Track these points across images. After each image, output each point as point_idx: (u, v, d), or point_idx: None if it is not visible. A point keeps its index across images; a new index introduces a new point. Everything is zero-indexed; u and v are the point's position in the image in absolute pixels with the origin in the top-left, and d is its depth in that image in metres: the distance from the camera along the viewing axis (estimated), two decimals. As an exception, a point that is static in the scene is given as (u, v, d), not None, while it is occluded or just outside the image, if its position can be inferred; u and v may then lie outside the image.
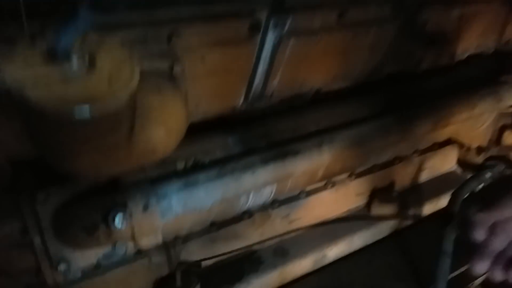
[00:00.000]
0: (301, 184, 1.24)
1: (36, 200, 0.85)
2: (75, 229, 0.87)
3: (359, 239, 1.87)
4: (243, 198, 1.18)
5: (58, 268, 0.88)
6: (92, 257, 0.95)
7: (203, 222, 1.17)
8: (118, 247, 0.96)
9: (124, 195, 0.93)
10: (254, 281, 1.62)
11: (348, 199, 1.93)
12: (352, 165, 1.32)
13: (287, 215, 1.75)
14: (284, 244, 1.78)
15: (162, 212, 1.01)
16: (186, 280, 1.51)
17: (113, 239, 0.90)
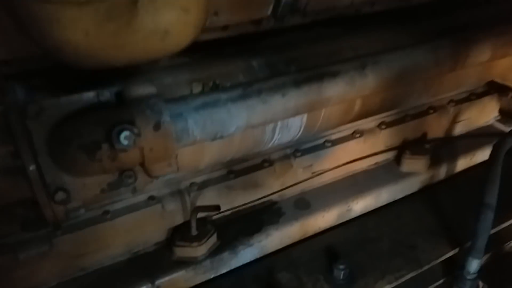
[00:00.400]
0: (333, 120, 1.09)
1: (27, 115, 0.73)
2: (73, 150, 0.72)
3: (387, 193, 1.74)
4: (268, 131, 1.01)
5: (56, 197, 0.77)
6: (95, 187, 0.83)
7: (223, 156, 1.02)
8: (125, 177, 0.84)
9: (131, 110, 0.77)
10: (274, 232, 1.52)
11: (376, 150, 1.78)
12: (393, 101, 1.15)
13: (310, 165, 1.62)
14: (306, 196, 1.66)
15: (177, 134, 0.83)
16: (202, 229, 1.42)
17: (119, 164, 0.77)
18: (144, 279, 1.32)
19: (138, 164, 0.79)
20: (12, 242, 1.18)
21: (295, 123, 1.04)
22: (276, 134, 1.04)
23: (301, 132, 1.08)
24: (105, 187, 0.82)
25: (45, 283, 1.27)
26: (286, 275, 1.44)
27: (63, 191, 0.76)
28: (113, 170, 0.78)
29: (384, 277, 1.44)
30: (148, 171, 0.80)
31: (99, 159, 0.74)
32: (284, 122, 1.02)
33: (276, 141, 1.06)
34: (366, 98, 1.09)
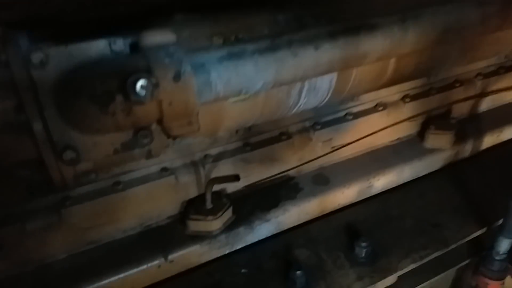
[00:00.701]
0: (364, 84, 0.99)
1: (31, 64, 0.65)
2: (84, 102, 0.64)
3: (410, 170, 1.65)
4: (294, 93, 0.92)
5: (64, 156, 0.69)
6: (107, 146, 0.75)
7: (244, 120, 0.93)
8: (141, 136, 0.76)
9: (148, 58, 0.67)
10: (291, 208, 1.44)
11: (399, 125, 1.69)
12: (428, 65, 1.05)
13: (329, 139, 1.54)
14: (325, 171, 1.58)
15: (199, 87, 0.73)
16: (217, 202, 1.35)
17: (134, 120, 0.69)
18: (156, 253, 1.26)
19: (155, 121, 0.71)
20: (19, 212, 1.13)
21: (323, 85, 0.95)
22: (302, 98, 0.95)
23: (329, 96, 0.99)
24: (118, 147, 0.74)
25: (53, 256, 1.22)
26: (304, 252, 1.37)
27: (72, 149, 0.68)
28: (127, 126, 0.70)
29: (408, 256, 1.37)
30: (167, 129, 0.72)
31: (112, 113, 0.66)
32: (311, 84, 0.93)
33: (301, 105, 0.97)
34: (400, 60, 0.99)
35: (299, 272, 1.23)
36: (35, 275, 1.18)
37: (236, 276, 1.29)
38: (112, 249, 1.28)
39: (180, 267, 1.30)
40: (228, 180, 1.23)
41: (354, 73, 0.96)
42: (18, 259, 1.16)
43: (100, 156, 0.72)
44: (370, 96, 1.58)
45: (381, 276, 1.31)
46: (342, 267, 1.33)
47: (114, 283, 1.20)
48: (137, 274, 1.23)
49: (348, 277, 1.30)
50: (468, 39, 1.06)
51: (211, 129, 0.88)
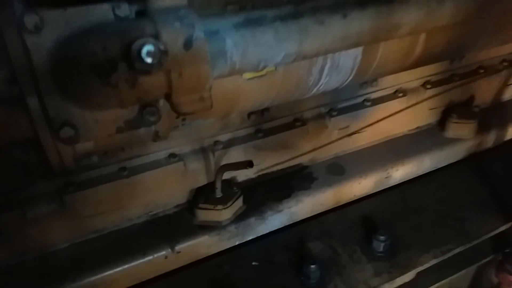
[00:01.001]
0: (390, 63, 0.91)
1: (24, 28, 0.58)
2: (83, 72, 0.57)
3: (430, 160, 1.56)
4: (315, 71, 0.83)
5: (61, 133, 0.62)
6: (109, 124, 0.68)
7: (260, 100, 0.84)
8: (147, 113, 0.68)
9: (156, 21, 0.59)
10: (305, 199, 1.37)
11: (419, 113, 1.60)
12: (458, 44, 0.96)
13: (346, 126, 1.46)
14: (340, 160, 1.50)
15: (213, 57, 0.65)
16: (227, 191, 1.28)
17: (140, 93, 0.61)
18: (163, 244, 1.20)
19: (163, 95, 0.64)
20: (19, 198, 1.07)
21: (347, 63, 0.86)
22: (323, 76, 0.86)
23: (352, 76, 0.91)
24: (122, 125, 0.66)
25: (55, 244, 1.16)
26: (318, 245, 1.30)
27: (71, 126, 0.61)
28: (132, 101, 0.62)
29: (429, 251, 1.30)
30: (176, 105, 0.64)
31: (115, 84, 0.58)
32: (334, 61, 0.85)
33: (322, 85, 0.89)
34: (430, 37, 0.90)
35: (314, 266, 1.16)
36: (36, 264, 1.13)
37: (247, 269, 1.23)
38: (117, 238, 1.21)
39: (188, 259, 1.23)
40: (240, 166, 1.15)
41: (380, 51, 0.88)
42: (18, 247, 1.11)
43: (102, 135, 0.65)
44: (389, 82, 1.49)
45: (400, 272, 1.24)
46: (358, 262, 1.26)
47: (118, 274, 1.14)
48: (142, 265, 1.17)
49: (365, 272, 1.23)
50: (505, 15, 0.96)
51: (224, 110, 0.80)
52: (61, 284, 1.08)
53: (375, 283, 1.21)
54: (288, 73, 0.82)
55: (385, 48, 0.89)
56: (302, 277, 1.19)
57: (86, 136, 0.64)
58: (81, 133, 0.63)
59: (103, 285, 1.13)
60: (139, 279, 1.18)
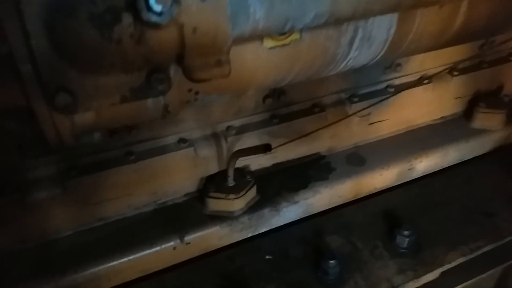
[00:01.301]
0: (425, 38, 0.82)
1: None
2: (80, 24, 0.49)
3: (455, 152, 1.47)
4: (344, 43, 0.74)
5: (56, 100, 0.54)
6: (112, 92, 0.59)
7: (282, 74, 0.75)
8: (155, 80, 0.60)
9: None
10: (322, 190, 1.29)
11: (445, 101, 1.51)
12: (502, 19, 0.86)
13: (367, 114, 1.37)
14: (361, 150, 1.41)
15: (233, 11, 0.56)
16: (240, 180, 1.20)
17: (147, 52, 0.50)
18: (171, 234, 1.13)
19: (174, 56, 0.55)
20: (18, 182, 1.00)
21: (380, 34, 0.77)
22: (353, 49, 0.78)
23: (384, 50, 0.82)
24: (127, 93, 0.58)
25: (57, 232, 1.09)
26: (337, 239, 1.21)
27: (67, 92, 0.53)
28: (138, 62, 0.54)
29: (457, 248, 1.20)
30: (189, 69, 0.56)
31: (118, 39, 0.50)
32: (366, 32, 0.76)
33: (351, 60, 0.81)
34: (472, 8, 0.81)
35: (333, 262, 1.08)
36: (37, 252, 1.06)
37: (260, 263, 1.14)
38: (123, 227, 1.15)
39: (198, 250, 1.16)
40: (256, 151, 1.07)
41: (417, 22, 0.79)
42: (17, 234, 1.04)
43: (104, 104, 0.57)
44: (414, 67, 1.39)
45: (426, 270, 1.15)
46: (380, 258, 1.17)
47: (123, 265, 1.07)
48: (149, 256, 1.09)
49: (388, 270, 1.14)
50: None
51: (241, 84, 0.71)
52: (62, 274, 1.02)
53: (398, 281, 1.12)
54: (314, 43, 0.73)
55: (422, 19, 0.79)
56: (319, 273, 1.10)
57: (85, 105, 0.56)
58: (79, 101, 0.55)
59: (107, 276, 1.06)
60: (146, 271, 1.11)
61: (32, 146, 0.72)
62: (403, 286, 1.12)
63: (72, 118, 0.58)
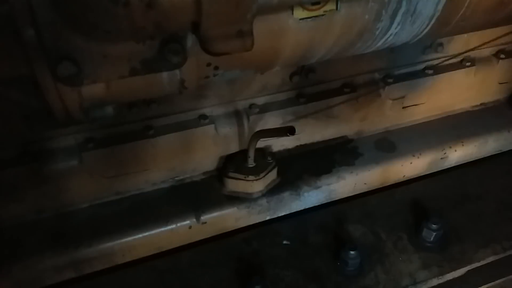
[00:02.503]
0: (480, 12, 0.71)
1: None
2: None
3: (495, 142, 1.36)
4: (386, 17, 0.65)
5: (59, 69, 0.50)
6: (121, 62, 0.53)
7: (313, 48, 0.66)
8: (169, 51, 0.53)
9: None
10: (347, 176, 1.22)
11: (487, 86, 1.39)
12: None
13: (402, 97, 1.28)
14: (392, 135, 1.33)
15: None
16: (261, 161, 1.14)
17: (158, 17, 0.41)
18: (188, 212, 1.10)
19: (189, 24, 0.49)
20: (35, 152, 0.98)
21: (427, 9, 0.68)
22: (394, 24, 0.69)
23: (429, 27, 0.73)
24: (137, 65, 0.52)
25: (73, 204, 1.08)
26: (359, 228, 1.16)
27: (71, 61, 0.48)
28: (149, 28, 0.48)
29: (488, 246, 1.12)
30: (206, 40, 0.50)
31: (125, 1, 0.44)
32: (411, 5, 0.67)
33: (391, 36, 0.72)
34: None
35: (353, 253, 1.02)
36: (52, 223, 1.06)
37: (277, 248, 1.10)
38: (139, 202, 1.12)
39: (214, 230, 1.13)
40: (279, 133, 1.01)
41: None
42: (33, 204, 1.03)
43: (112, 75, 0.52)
44: (457, 47, 1.27)
45: (452, 267, 1.08)
46: (404, 251, 1.10)
47: (138, 241, 1.05)
48: (164, 233, 1.07)
49: (411, 264, 1.08)
50: None
51: (267, 58, 0.64)
52: (76, 247, 1.01)
53: (421, 277, 1.06)
54: (351, 16, 0.65)
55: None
56: (338, 263, 1.06)
57: (92, 76, 0.51)
58: (84, 72, 0.50)
59: (121, 251, 1.04)
60: (160, 249, 1.09)
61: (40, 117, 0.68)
62: (426, 282, 1.06)
63: (79, 90, 0.54)
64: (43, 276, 1.00)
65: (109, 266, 1.06)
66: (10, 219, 1.03)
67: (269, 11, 0.59)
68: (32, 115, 0.61)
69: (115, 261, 1.05)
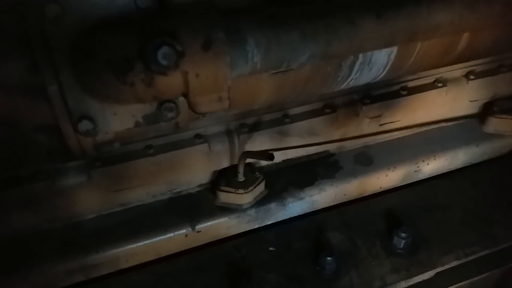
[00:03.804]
0: (428, 59, 0.84)
1: (45, 17, 0.57)
2: (99, 68, 0.58)
3: (464, 155, 1.49)
4: (345, 67, 0.79)
5: (79, 127, 0.63)
6: (127, 119, 0.69)
7: (284, 95, 0.81)
8: (165, 109, 0.68)
9: (174, 19, 0.56)
10: (328, 188, 1.35)
11: (458, 104, 1.51)
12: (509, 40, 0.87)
13: (378, 115, 1.40)
14: (370, 150, 1.46)
15: (233, 56, 0.62)
16: (250, 175, 1.28)
17: (156, 92, 0.61)
18: (184, 222, 1.23)
19: (180, 94, 0.63)
20: (49, 170, 1.11)
21: (380, 59, 0.81)
22: (354, 72, 0.82)
23: (385, 72, 0.86)
24: (140, 120, 0.66)
25: (82, 215, 1.21)
26: (337, 236, 1.29)
27: (89, 120, 0.62)
28: (149, 98, 0.62)
29: (452, 252, 1.26)
30: (193, 105, 0.63)
31: (131, 83, 0.58)
32: (366, 57, 0.80)
33: (352, 81, 0.85)
34: (476, 32, 0.83)
35: (330, 258, 1.16)
36: (64, 231, 1.19)
37: (263, 253, 1.24)
38: (141, 213, 1.25)
39: (207, 238, 1.26)
40: (260, 157, 1.14)
41: (418, 47, 0.82)
42: (47, 215, 1.17)
43: (120, 129, 0.65)
44: (429, 70, 1.40)
45: (418, 271, 1.21)
46: (377, 256, 1.24)
47: (140, 248, 1.18)
48: (163, 241, 1.20)
49: (382, 268, 1.21)
50: None
51: (245, 104, 0.78)
52: (86, 254, 1.14)
53: (391, 280, 1.19)
54: (315, 68, 0.78)
55: (424, 43, 0.82)
56: (317, 267, 1.19)
57: (104, 130, 0.65)
58: (99, 127, 0.63)
59: (125, 257, 1.18)
60: (159, 254, 1.22)
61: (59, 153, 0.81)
62: (395, 285, 1.19)
63: (94, 137, 0.67)
64: (56, 279, 1.14)
65: (114, 270, 1.19)
66: (27, 228, 1.16)
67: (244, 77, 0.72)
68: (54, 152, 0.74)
69: (119, 266, 1.19)
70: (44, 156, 0.73)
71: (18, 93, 0.61)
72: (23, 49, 0.59)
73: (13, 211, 1.12)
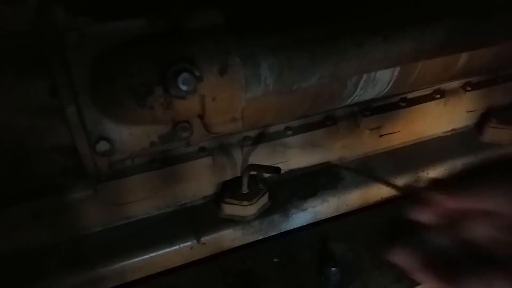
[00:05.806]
0: (429, 76, 0.88)
1: (66, 43, 0.60)
2: (119, 92, 0.60)
3: (463, 166, 1.52)
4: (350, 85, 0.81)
5: (97, 148, 0.66)
6: (143, 139, 0.71)
7: (292, 113, 0.85)
8: (180, 129, 0.71)
9: (192, 45, 0.59)
10: (330, 199, 1.37)
11: (456, 115, 1.55)
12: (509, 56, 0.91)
13: (378, 127, 1.43)
14: (370, 161, 1.49)
15: (247, 79, 0.65)
16: (253, 187, 1.30)
17: (174, 114, 0.63)
18: (189, 234, 1.24)
19: (196, 115, 0.65)
20: (56, 185, 1.13)
21: (384, 77, 0.84)
22: (358, 89, 0.85)
23: (388, 88, 0.89)
24: (156, 139, 0.69)
25: (88, 228, 1.22)
26: (341, 246, 1.30)
27: (106, 141, 0.64)
28: (166, 120, 0.64)
29: (453, 260, 1.28)
30: (207, 126, 0.66)
31: (150, 106, 0.60)
32: (371, 75, 0.83)
33: (356, 97, 0.88)
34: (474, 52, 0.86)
35: (334, 269, 1.17)
36: (71, 245, 1.20)
37: (268, 265, 1.25)
38: (146, 226, 1.26)
39: (212, 250, 1.27)
40: (267, 170, 1.16)
41: (420, 64, 0.85)
42: (53, 228, 1.17)
43: (136, 148, 0.67)
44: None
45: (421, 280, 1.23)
46: (380, 266, 1.26)
47: (146, 261, 1.19)
48: (169, 254, 1.22)
49: (385, 278, 1.23)
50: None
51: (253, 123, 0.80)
52: (93, 267, 1.15)
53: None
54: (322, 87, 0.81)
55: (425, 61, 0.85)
56: (322, 278, 1.21)
57: (121, 150, 0.67)
58: (116, 147, 0.65)
59: (131, 271, 1.19)
60: (165, 267, 1.23)
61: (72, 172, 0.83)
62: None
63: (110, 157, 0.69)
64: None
65: (120, 283, 1.20)
66: (34, 242, 1.17)
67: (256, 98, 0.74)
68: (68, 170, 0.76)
69: (126, 278, 1.20)
70: (56, 173, 0.75)
71: (37, 115, 0.63)
72: (43, 72, 0.61)
73: (20, 226, 1.12)
